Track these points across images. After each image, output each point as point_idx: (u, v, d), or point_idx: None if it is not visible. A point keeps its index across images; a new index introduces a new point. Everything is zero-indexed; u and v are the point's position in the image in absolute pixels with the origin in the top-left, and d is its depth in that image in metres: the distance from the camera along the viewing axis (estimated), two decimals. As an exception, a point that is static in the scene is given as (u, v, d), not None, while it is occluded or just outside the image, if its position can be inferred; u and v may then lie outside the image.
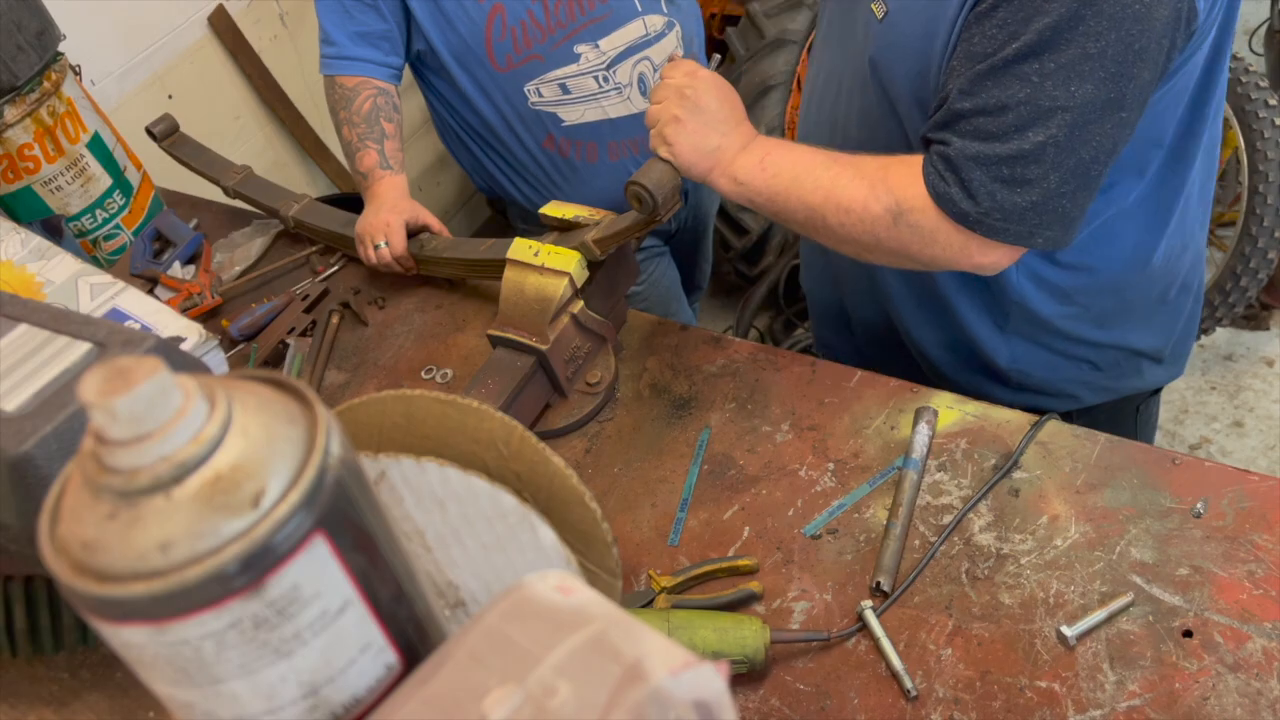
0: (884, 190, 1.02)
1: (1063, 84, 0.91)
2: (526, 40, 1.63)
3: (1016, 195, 0.96)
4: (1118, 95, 0.91)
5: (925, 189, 1.00)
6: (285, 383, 0.48)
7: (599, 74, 1.67)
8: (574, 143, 1.73)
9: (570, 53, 1.65)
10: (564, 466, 0.78)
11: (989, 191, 0.96)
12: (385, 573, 0.49)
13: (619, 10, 1.65)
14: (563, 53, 1.65)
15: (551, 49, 1.64)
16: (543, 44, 1.63)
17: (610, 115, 1.71)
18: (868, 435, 1.16)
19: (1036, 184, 0.95)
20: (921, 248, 1.03)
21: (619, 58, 1.67)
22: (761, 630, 0.95)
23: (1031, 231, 0.99)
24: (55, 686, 1.03)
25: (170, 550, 0.40)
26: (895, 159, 1.04)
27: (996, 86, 0.94)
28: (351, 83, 1.62)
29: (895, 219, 1.02)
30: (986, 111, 0.95)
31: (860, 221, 1.04)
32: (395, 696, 0.47)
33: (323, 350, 1.43)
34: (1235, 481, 1.03)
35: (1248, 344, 2.68)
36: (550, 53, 1.64)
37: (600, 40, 1.65)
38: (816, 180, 1.06)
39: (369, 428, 0.79)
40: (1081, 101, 0.91)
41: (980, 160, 0.96)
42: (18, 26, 1.43)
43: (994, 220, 0.98)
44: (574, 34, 1.64)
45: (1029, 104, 0.92)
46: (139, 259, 1.56)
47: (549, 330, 1.21)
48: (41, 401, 0.80)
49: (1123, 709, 0.89)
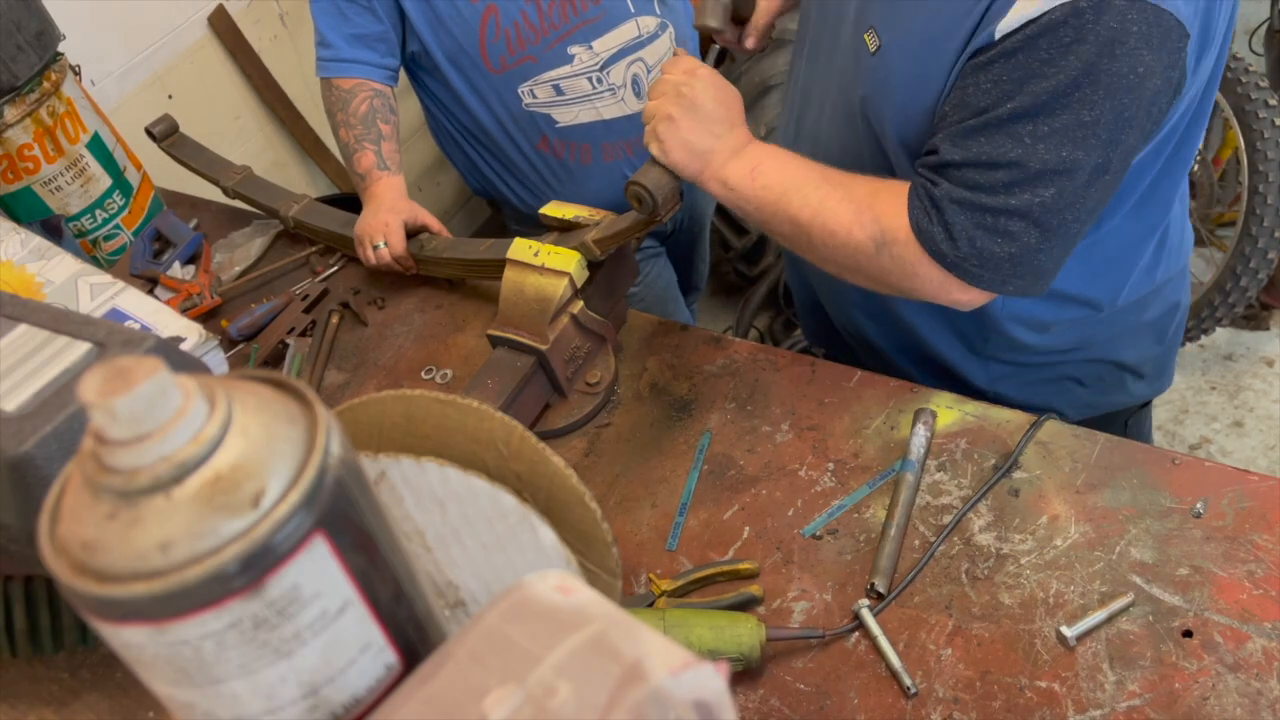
0: (870, 218, 1.02)
1: (1054, 148, 0.91)
2: (520, 41, 1.63)
3: (996, 245, 0.97)
4: (1105, 161, 0.92)
5: (909, 222, 1.00)
6: (285, 383, 0.48)
7: (592, 75, 1.68)
8: (568, 144, 1.74)
9: (564, 54, 1.65)
10: (564, 466, 0.78)
11: (970, 237, 0.97)
12: (385, 573, 0.49)
13: (612, 11, 1.65)
14: (556, 54, 1.65)
15: (545, 50, 1.64)
16: (536, 45, 1.64)
17: (604, 116, 1.71)
18: (868, 435, 1.16)
19: (1017, 238, 0.96)
20: (901, 279, 1.03)
21: (612, 59, 1.68)
22: (757, 628, 0.95)
23: (1005, 280, 1.00)
24: (55, 686, 1.03)
25: (170, 550, 0.40)
26: (885, 185, 1.04)
27: (989, 143, 0.94)
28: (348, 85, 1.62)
29: (878, 248, 1.02)
30: (977, 165, 0.95)
31: (844, 246, 1.04)
32: (395, 696, 0.47)
33: (323, 350, 1.43)
34: (1235, 481, 1.03)
35: (1248, 344, 2.68)
36: (544, 54, 1.65)
37: (593, 41, 1.66)
38: (805, 198, 1.05)
39: (369, 428, 0.79)
40: (1071, 167, 0.92)
41: (965, 205, 0.96)
42: (17, 26, 1.43)
43: (971, 265, 0.98)
44: (567, 35, 1.64)
45: (1020, 165, 0.93)
46: (139, 259, 1.56)
47: (549, 330, 1.21)
48: (41, 401, 0.80)
49: (1122, 709, 0.89)
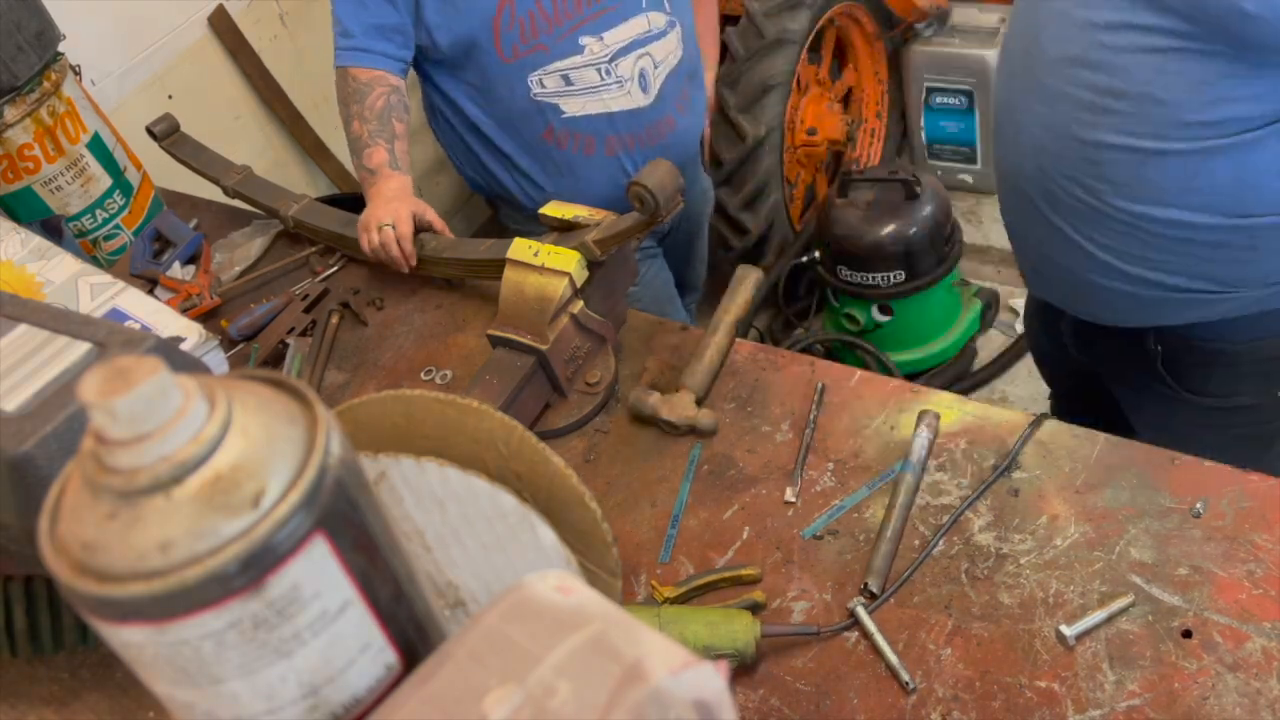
0: None
1: None
2: (534, 30, 1.65)
3: None
4: None
5: None
6: (285, 383, 0.48)
7: (602, 66, 1.69)
8: (573, 135, 1.74)
9: (575, 44, 1.67)
10: (564, 466, 0.78)
11: None
12: (385, 573, 0.49)
13: (624, 5, 1.68)
14: (568, 44, 1.67)
15: (557, 40, 1.66)
16: (549, 34, 1.65)
17: (611, 109, 1.73)
18: (867, 435, 1.16)
19: None
20: None
21: (622, 51, 1.69)
22: (752, 624, 0.95)
23: None
24: (55, 686, 1.03)
25: (170, 550, 0.40)
26: None
27: None
28: (365, 77, 1.62)
29: None
30: None
31: None
32: (395, 696, 0.47)
33: (323, 350, 1.43)
34: (1235, 481, 1.03)
35: (1247, 344, 2.67)
36: (556, 44, 1.66)
37: (605, 33, 1.68)
38: None
39: (369, 428, 0.80)
40: None
41: None
42: (17, 26, 1.43)
43: None
44: (579, 25, 1.66)
45: None
46: (139, 259, 1.56)
47: (549, 330, 1.21)
48: (41, 401, 0.80)
49: (1122, 709, 0.89)
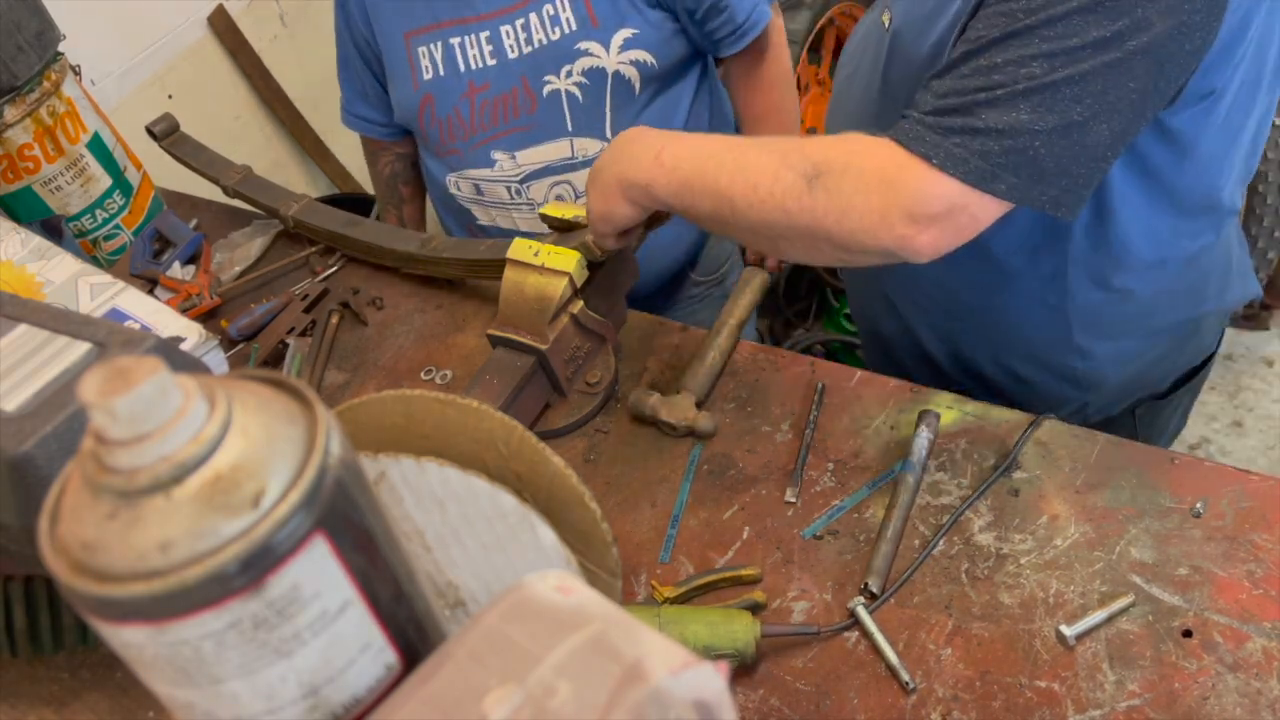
0: (798, 157, 0.95)
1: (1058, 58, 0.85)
2: (451, 134, 1.58)
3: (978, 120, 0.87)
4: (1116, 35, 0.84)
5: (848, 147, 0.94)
6: (285, 383, 0.48)
7: (511, 185, 1.60)
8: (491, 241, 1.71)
9: (487, 156, 1.58)
10: (564, 466, 0.78)
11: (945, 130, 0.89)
12: (385, 573, 0.49)
13: (545, 126, 1.54)
14: (480, 155, 1.58)
15: (471, 149, 1.58)
16: (464, 142, 1.58)
17: (520, 228, 1.63)
18: (867, 435, 1.16)
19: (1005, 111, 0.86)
20: (838, 217, 0.92)
21: (534, 174, 1.58)
22: (752, 624, 0.95)
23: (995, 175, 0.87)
24: (55, 686, 1.03)
25: (170, 550, 0.40)
26: (815, 137, 0.98)
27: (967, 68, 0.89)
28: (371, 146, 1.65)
29: (810, 183, 0.93)
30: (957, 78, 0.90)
31: (770, 196, 0.96)
32: (395, 696, 0.47)
33: (322, 350, 1.43)
34: (1235, 481, 1.03)
35: (1248, 344, 2.68)
36: (469, 152, 1.58)
37: (518, 151, 1.56)
38: (721, 163, 0.98)
39: (369, 428, 0.80)
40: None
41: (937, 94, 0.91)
42: (17, 26, 1.43)
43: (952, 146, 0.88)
44: (493, 139, 1.56)
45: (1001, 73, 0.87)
46: (139, 259, 1.56)
47: (549, 330, 1.21)
48: (41, 401, 0.80)
49: (1122, 709, 0.89)
